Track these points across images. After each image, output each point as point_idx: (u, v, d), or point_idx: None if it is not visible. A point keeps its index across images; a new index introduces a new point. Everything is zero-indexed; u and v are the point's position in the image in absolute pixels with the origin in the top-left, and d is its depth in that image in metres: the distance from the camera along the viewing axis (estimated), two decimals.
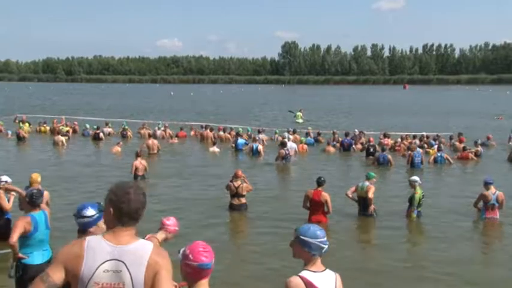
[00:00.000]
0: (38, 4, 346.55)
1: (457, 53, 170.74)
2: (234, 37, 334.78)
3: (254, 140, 20.18)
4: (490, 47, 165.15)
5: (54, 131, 24.98)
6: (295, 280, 3.37)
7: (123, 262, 2.66)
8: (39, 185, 8.76)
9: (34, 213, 6.03)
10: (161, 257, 2.72)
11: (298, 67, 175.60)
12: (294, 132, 23.97)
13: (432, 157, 17.80)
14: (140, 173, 14.66)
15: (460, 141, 21.24)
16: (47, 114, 34.67)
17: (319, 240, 3.39)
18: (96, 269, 2.64)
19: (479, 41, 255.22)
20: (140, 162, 14.73)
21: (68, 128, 26.15)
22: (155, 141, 20.15)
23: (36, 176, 8.92)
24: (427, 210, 11.00)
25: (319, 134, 24.31)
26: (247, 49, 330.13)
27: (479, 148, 19.26)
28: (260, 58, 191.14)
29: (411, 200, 10.62)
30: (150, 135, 21.65)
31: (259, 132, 23.73)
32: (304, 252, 3.41)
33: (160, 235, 5.39)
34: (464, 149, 19.04)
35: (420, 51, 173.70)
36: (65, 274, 2.68)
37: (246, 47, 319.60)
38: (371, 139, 20.04)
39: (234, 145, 20.92)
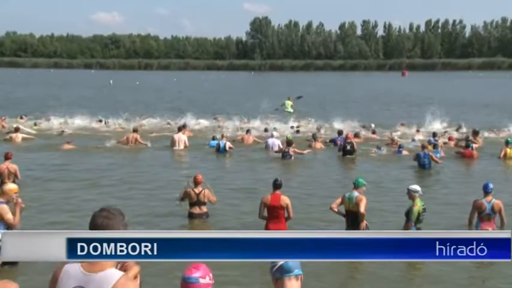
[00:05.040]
0: None
1: (467, 31, 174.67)
2: (189, 11, 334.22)
3: (223, 137, 22.16)
4: (508, 23, 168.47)
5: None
6: None
7: None
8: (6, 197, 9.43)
9: None
10: None
11: (271, 49, 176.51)
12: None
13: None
14: (5, 180, 14.43)
15: (450, 139, 23.56)
16: None
17: None
18: None
19: (495, 16, 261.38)
20: (6, 167, 14.95)
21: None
22: (135, 135, 23.06)
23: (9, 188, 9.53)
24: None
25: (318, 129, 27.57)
26: (206, 26, 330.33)
27: (468, 143, 21.27)
28: (223, 38, 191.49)
29: (408, 213, 10.83)
30: (134, 130, 23.97)
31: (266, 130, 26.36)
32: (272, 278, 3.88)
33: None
34: (467, 146, 20.83)
35: (422, 29, 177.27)
36: None
37: (205, 23, 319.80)
38: (349, 135, 21.84)
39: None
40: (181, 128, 23.88)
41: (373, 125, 28.00)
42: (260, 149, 22.36)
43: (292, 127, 28.57)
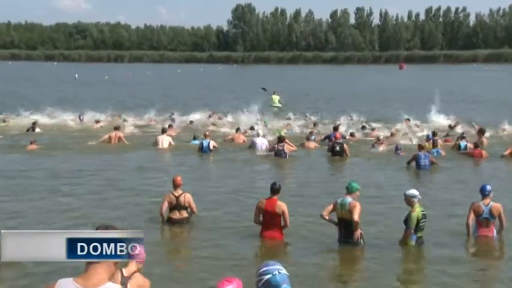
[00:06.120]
0: None
1: (472, 20, 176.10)
2: None
3: (206, 136, 22.58)
4: None
5: None
6: None
7: None
8: None
9: None
10: None
11: (256, 40, 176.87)
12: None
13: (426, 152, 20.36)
14: None
15: (445, 141, 24.31)
16: None
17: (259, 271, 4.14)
18: None
19: (502, 3, 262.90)
20: None
21: None
22: (118, 133, 24.02)
23: None
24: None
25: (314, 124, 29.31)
26: (184, 14, 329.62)
27: (459, 142, 22.33)
28: (202, 27, 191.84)
29: (407, 220, 10.84)
30: (115, 128, 24.84)
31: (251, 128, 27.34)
32: None
33: (131, 267, 7.04)
34: (476, 146, 21.47)
35: (422, 17, 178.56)
36: None
37: (182, 11, 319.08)
38: (337, 135, 22.37)
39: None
40: (165, 130, 24.41)
41: (373, 124, 29.13)
42: (249, 150, 22.78)
43: (287, 124, 29.75)
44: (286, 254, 11.16)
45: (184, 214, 12.37)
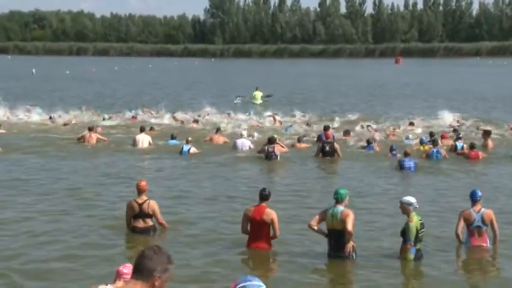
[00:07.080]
0: None
1: (475, 9, 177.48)
2: None
3: (187, 142, 22.86)
4: None
5: None
6: None
7: None
8: None
9: None
10: None
11: (236, 31, 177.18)
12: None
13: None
14: None
15: (442, 137, 24.74)
16: None
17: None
18: None
19: None
20: None
21: None
22: (93, 134, 24.43)
23: None
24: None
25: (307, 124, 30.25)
26: (155, 2, 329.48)
27: (456, 143, 22.74)
28: (176, 16, 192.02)
29: (404, 232, 10.86)
30: (90, 129, 25.16)
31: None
32: None
33: (118, 284, 7.44)
34: (472, 147, 21.74)
35: (420, 6, 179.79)
36: None
37: None
38: (328, 133, 22.91)
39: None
40: (143, 129, 24.85)
41: (373, 126, 29.43)
42: (230, 151, 23.02)
43: (270, 116, 31.29)
44: (272, 268, 11.32)
45: (150, 222, 12.43)
